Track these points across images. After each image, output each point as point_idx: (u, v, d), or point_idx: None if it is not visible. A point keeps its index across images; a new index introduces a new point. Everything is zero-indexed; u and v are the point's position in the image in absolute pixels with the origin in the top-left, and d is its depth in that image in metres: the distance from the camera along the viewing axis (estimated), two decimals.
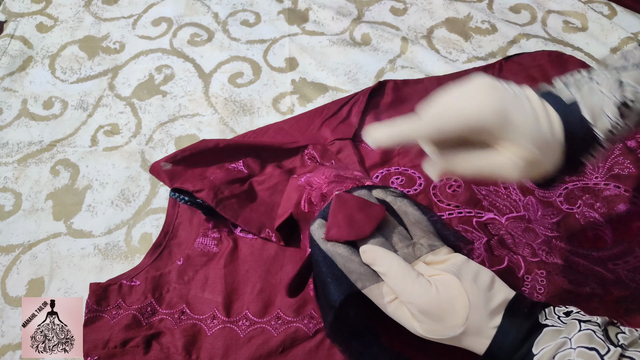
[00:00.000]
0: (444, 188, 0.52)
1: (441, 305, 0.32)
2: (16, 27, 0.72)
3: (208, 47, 0.69)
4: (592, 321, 0.31)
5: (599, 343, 0.29)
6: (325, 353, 0.43)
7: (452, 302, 0.32)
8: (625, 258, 0.47)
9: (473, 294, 0.33)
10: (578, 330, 0.30)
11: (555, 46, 0.66)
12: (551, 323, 0.31)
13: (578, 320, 0.31)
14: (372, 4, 0.74)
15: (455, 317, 0.32)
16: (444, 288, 0.33)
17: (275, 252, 0.49)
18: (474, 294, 0.33)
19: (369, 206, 0.37)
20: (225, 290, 0.47)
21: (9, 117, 0.63)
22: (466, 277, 0.33)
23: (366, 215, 0.37)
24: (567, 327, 0.31)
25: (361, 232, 0.36)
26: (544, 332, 0.31)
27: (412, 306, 0.33)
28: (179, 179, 0.50)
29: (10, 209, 0.55)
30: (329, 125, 0.58)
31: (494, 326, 0.32)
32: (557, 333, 0.30)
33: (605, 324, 0.31)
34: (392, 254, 0.35)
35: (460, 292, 0.33)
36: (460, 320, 0.32)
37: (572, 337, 0.30)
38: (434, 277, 0.34)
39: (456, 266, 0.34)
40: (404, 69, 0.65)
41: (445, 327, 0.32)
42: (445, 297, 0.33)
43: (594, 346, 0.29)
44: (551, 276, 0.46)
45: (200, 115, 0.62)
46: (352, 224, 0.36)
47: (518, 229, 0.49)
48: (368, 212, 0.37)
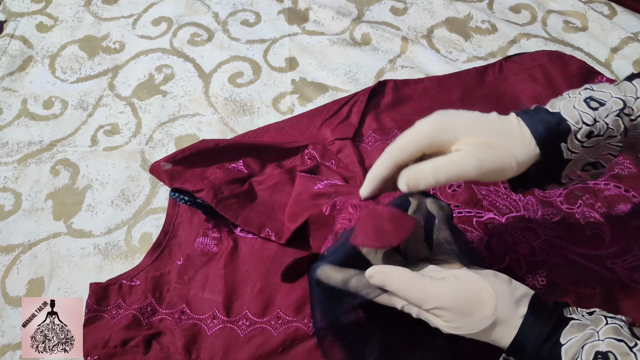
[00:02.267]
0: (444, 188, 0.52)
1: (467, 297, 0.32)
2: (16, 27, 0.72)
3: (208, 47, 0.69)
4: (617, 318, 0.31)
5: (626, 336, 0.29)
6: None
7: (477, 293, 0.32)
8: (623, 257, 0.47)
9: (496, 284, 0.32)
10: (605, 324, 0.30)
11: (556, 46, 0.66)
12: (577, 317, 0.32)
13: (603, 316, 0.31)
14: (372, 3, 0.74)
15: (484, 308, 0.32)
16: (464, 281, 0.32)
17: (275, 252, 0.49)
18: (497, 283, 0.32)
19: (401, 218, 0.35)
20: (225, 290, 0.47)
21: (9, 117, 0.63)
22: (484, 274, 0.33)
23: (396, 226, 0.35)
24: (593, 321, 0.31)
25: (388, 242, 0.35)
26: (571, 324, 0.31)
27: (438, 310, 0.32)
28: (178, 179, 0.50)
29: (10, 209, 0.55)
30: (329, 125, 0.58)
31: (520, 315, 0.32)
32: (583, 326, 0.31)
33: (629, 322, 0.31)
34: (399, 269, 0.33)
35: (482, 283, 0.32)
36: (489, 310, 0.31)
37: (599, 329, 0.30)
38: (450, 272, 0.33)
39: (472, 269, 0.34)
40: (404, 69, 0.65)
41: (475, 320, 0.32)
42: (468, 288, 0.32)
43: (622, 338, 0.29)
44: (551, 275, 0.46)
45: (200, 115, 0.62)
46: (381, 233, 0.34)
47: (518, 228, 0.49)
48: (398, 224, 0.35)
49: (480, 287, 0.32)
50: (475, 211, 0.51)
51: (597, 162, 0.36)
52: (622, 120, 0.35)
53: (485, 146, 0.34)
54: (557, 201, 0.51)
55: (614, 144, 0.35)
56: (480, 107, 0.59)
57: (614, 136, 0.35)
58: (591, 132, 0.34)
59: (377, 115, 0.59)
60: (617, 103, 0.35)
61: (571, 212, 0.50)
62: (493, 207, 0.51)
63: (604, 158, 0.36)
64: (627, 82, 0.37)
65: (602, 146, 0.35)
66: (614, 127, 0.34)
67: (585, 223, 0.49)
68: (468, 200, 0.51)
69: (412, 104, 0.60)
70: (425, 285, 0.33)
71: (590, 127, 0.34)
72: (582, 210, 0.50)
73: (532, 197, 0.51)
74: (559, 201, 0.51)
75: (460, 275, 0.33)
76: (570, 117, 0.34)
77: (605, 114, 0.34)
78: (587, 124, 0.34)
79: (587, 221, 0.49)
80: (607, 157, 0.36)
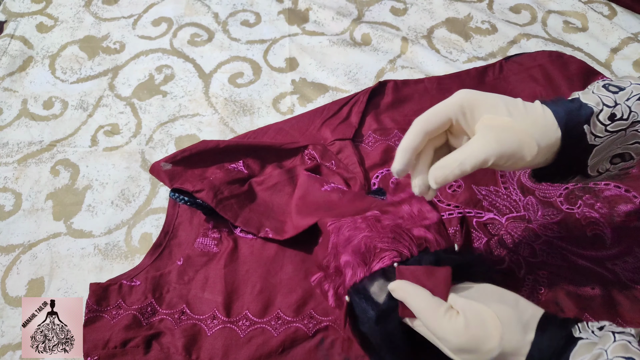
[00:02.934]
0: (444, 188, 0.52)
1: (474, 336, 0.32)
2: (16, 27, 0.72)
3: (208, 47, 0.69)
4: (625, 332, 0.30)
5: (636, 352, 0.29)
6: (325, 353, 0.43)
7: (484, 328, 0.32)
8: (624, 258, 0.47)
9: (502, 312, 0.32)
10: (613, 341, 0.29)
11: (556, 46, 0.66)
12: (585, 336, 0.31)
13: (612, 332, 0.30)
14: (372, 4, 0.74)
15: (490, 341, 0.32)
16: (473, 317, 0.32)
17: (275, 252, 0.49)
18: (503, 311, 0.32)
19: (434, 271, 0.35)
20: (225, 290, 0.47)
21: (9, 117, 0.63)
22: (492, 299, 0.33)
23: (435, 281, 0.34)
24: (601, 339, 0.30)
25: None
26: (579, 345, 0.30)
27: (445, 344, 0.33)
28: (178, 179, 0.51)
29: (10, 209, 0.55)
30: (329, 125, 0.58)
31: (528, 342, 0.31)
32: (591, 345, 0.30)
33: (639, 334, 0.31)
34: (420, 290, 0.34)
35: (489, 314, 0.32)
36: (494, 342, 0.31)
37: (607, 348, 0.29)
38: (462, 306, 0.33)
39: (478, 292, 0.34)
40: (404, 69, 0.65)
41: (481, 354, 0.32)
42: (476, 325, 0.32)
43: (630, 356, 0.28)
44: (552, 276, 0.46)
45: (200, 115, 0.62)
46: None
47: (518, 229, 0.49)
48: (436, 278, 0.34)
49: (487, 319, 0.32)
50: (475, 211, 0.51)
51: (625, 153, 0.35)
52: None
53: (506, 127, 0.34)
54: (557, 201, 0.51)
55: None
56: None
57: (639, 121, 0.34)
58: (614, 115, 0.34)
59: (377, 116, 0.59)
60: (637, 88, 0.35)
61: (571, 213, 0.50)
62: (493, 208, 0.51)
63: (632, 148, 0.35)
64: None
65: (629, 135, 0.34)
66: (637, 111, 0.34)
67: (586, 224, 0.49)
68: (468, 200, 0.51)
69: (412, 104, 0.60)
70: (439, 320, 0.33)
71: (611, 108, 0.34)
72: (582, 211, 0.50)
73: (532, 198, 0.51)
74: (559, 201, 0.51)
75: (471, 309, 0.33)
76: (590, 101, 0.34)
77: (625, 97, 0.34)
78: (607, 106, 0.34)
79: (588, 222, 0.49)
80: (636, 147, 0.35)
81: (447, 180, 0.34)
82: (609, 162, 0.36)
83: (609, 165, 0.36)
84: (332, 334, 0.44)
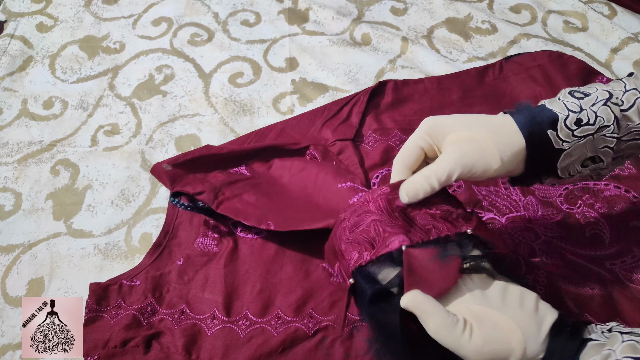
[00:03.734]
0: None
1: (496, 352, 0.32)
2: (16, 27, 0.72)
3: (208, 47, 0.69)
4: (633, 332, 0.31)
5: None
6: (325, 352, 0.43)
7: (506, 342, 0.32)
8: (623, 258, 0.47)
9: (523, 323, 0.32)
10: (621, 341, 0.30)
11: (556, 46, 0.66)
12: (595, 337, 0.31)
13: (619, 332, 0.31)
14: (372, 4, 0.74)
15: (513, 354, 0.31)
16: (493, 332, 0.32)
17: (275, 252, 0.49)
18: (525, 322, 0.32)
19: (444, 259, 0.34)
20: (225, 290, 0.47)
21: (9, 117, 0.63)
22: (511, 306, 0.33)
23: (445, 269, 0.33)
24: (609, 340, 0.31)
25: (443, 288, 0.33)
26: (588, 346, 0.31)
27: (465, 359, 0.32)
28: (180, 182, 0.50)
29: (10, 209, 0.55)
30: (330, 126, 0.58)
31: (544, 348, 0.31)
32: (600, 346, 0.30)
33: None
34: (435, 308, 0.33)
35: (510, 326, 0.32)
36: (517, 355, 0.31)
37: (615, 348, 0.29)
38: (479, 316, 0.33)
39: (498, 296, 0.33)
40: (404, 69, 0.65)
41: None
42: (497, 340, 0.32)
43: (638, 356, 0.29)
44: (551, 276, 0.46)
45: (200, 115, 0.62)
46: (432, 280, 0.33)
47: (518, 229, 0.49)
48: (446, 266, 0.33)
49: (508, 332, 0.32)
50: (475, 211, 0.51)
51: (596, 156, 0.36)
52: (612, 110, 0.35)
53: (469, 139, 0.36)
54: (557, 201, 0.51)
55: (609, 135, 0.35)
56: (480, 108, 0.60)
57: (607, 126, 0.35)
58: (580, 120, 0.35)
59: (377, 116, 0.59)
60: (603, 94, 0.36)
61: (571, 213, 0.50)
62: (493, 208, 0.51)
63: (602, 152, 0.36)
64: (617, 80, 0.38)
65: (598, 139, 0.35)
66: (603, 115, 0.35)
67: (585, 223, 0.49)
68: (468, 200, 0.51)
69: (412, 104, 0.60)
70: (457, 340, 0.32)
71: (577, 114, 0.35)
72: (582, 211, 0.50)
73: (532, 197, 0.51)
74: (559, 201, 0.51)
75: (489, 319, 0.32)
76: (555, 107, 0.36)
77: (591, 102, 0.36)
78: (573, 111, 0.35)
79: (587, 221, 0.49)
80: (605, 151, 0.36)
81: (418, 195, 0.36)
82: (580, 165, 0.37)
83: (581, 167, 0.37)
84: (332, 334, 0.44)
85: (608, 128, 0.35)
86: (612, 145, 0.36)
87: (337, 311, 0.45)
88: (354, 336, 0.44)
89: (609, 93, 0.36)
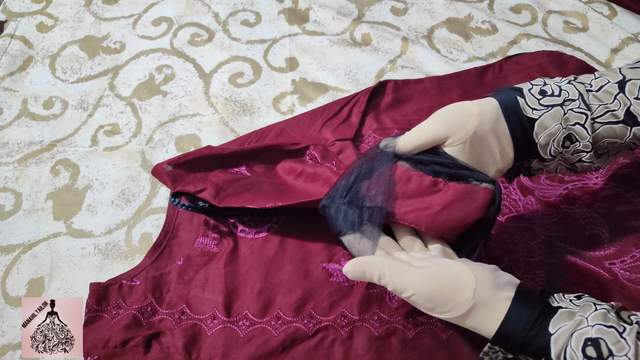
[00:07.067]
0: None
1: (446, 282, 0.32)
2: (16, 27, 0.72)
3: (208, 47, 0.69)
4: (605, 304, 0.31)
5: (615, 321, 0.29)
6: (325, 352, 0.43)
7: (457, 277, 0.32)
8: (621, 258, 0.47)
9: (477, 269, 0.33)
10: (594, 310, 0.30)
11: (556, 46, 0.66)
12: (565, 305, 0.32)
13: (592, 302, 0.31)
14: (372, 4, 0.74)
15: (464, 292, 0.32)
16: (444, 266, 0.33)
17: (275, 252, 0.49)
18: (479, 269, 0.33)
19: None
20: (226, 290, 0.47)
21: (9, 117, 0.63)
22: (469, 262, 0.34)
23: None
24: (581, 307, 0.31)
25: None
26: (559, 313, 0.31)
27: (417, 297, 0.33)
28: (181, 182, 0.50)
29: (11, 209, 0.55)
30: (330, 126, 0.58)
31: (503, 298, 0.32)
32: (572, 314, 0.31)
33: (617, 307, 0.31)
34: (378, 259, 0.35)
35: (463, 268, 0.33)
36: (469, 294, 0.31)
37: (588, 316, 0.30)
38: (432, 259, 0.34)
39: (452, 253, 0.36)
40: (404, 69, 0.65)
41: (455, 305, 0.32)
42: (448, 273, 0.32)
43: (611, 324, 0.29)
44: (550, 276, 0.46)
45: (200, 115, 0.62)
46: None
47: (517, 229, 0.49)
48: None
49: (461, 272, 0.32)
50: None
51: (571, 134, 0.38)
52: (576, 87, 0.38)
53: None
54: (556, 201, 0.51)
55: (577, 110, 0.37)
56: None
57: (573, 100, 0.37)
58: (544, 91, 0.38)
59: (377, 116, 0.59)
60: (566, 79, 0.40)
61: (570, 212, 0.50)
62: None
63: (575, 129, 0.37)
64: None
65: (568, 114, 0.37)
66: (567, 90, 0.38)
67: (584, 223, 0.49)
68: None
69: (412, 104, 0.60)
70: (404, 272, 0.33)
71: (540, 86, 0.39)
72: (581, 210, 0.50)
73: (531, 197, 0.51)
74: (558, 201, 0.51)
75: (441, 261, 0.34)
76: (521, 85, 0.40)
77: (554, 81, 0.39)
78: (536, 84, 0.39)
79: (586, 221, 0.49)
80: (578, 128, 0.37)
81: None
82: (561, 146, 0.38)
83: (561, 148, 0.38)
84: (332, 334, 0.44)
85: (574, 102, 0.37)
86: (583, 122, 0.37)
87: (337, 311, 0.45)
88: (354, 336, 0.44)
89: (574, 77, 0.39)
